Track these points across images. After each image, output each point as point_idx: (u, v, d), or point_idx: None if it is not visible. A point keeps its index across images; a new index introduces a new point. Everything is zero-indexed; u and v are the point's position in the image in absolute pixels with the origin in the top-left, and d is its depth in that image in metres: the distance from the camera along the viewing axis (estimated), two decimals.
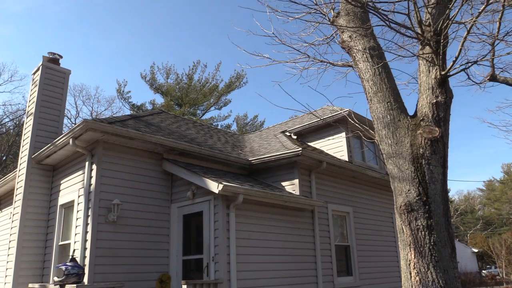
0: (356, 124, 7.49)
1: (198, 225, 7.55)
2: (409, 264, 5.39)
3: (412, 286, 5.29)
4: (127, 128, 7.53)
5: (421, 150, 5.26)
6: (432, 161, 5.22)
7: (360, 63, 5.75)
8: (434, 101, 5.34)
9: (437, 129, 5.27)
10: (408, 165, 5.45)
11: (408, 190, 5.38)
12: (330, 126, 10.96)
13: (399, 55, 5.84)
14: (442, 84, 5.38)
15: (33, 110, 9.07)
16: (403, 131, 5.59)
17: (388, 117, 5.70)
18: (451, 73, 5.31)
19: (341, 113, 10.29)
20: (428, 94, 5.39)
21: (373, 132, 6.41)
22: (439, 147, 5.26)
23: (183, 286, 6.23)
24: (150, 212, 7.83)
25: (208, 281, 6.59)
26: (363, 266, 10.10)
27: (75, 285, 5.37)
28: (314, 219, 8.90)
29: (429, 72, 5.48)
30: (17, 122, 28.99)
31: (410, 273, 5.35)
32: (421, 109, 5.42)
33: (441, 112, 5.33)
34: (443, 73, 5.30)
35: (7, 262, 8.46)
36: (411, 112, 5.56)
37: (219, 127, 30.24)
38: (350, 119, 7.43)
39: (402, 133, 5.59)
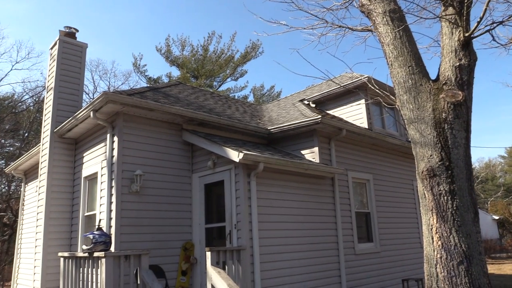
0: (377, 90, 7.38)
1: (219, 194, 7.65)
2: (431, 229, 5.40)
3: (434, 251, 5.31)
4: (146, 100, 7.57)
5: (443, 114, 5.18)
6: (455, 125, 5.14)
7: (380, 27, 5.61)
8: (457, 64, 5.21)
9: (460, 92, 5.16)
10: (430, 130, 5.38)
11: (430, 155, 5.33)
12: (349, 93, 10.83)
13: (421, 17, 5.68)
14: (466, 46, 5.23)
15: (52, 85, 9.17)
16: (425, 95, 5.50)
17: (410, 81, 5.60)
18: (475, 35, 5.15)
19: (360, 79, 10.14)
20: (451, 57, 5.25)
21: (393, 98, 6.32)
22: (462, 111, 5.16)
23: (207, 253, 6.37)
24: (172, 182, 7.95)
25: (231, 248, 6.73)
26: (383, 232, 10.16)
27: (103, 252, 5.54)
28: (334, 187, 8.93)
29: (452, 34, 5.32)
30: (37, 99, 29.39)
31: (432, 238, 5.36)
32: (444, 73, 5.29)
33: (465, 75, 5.20)
34: (466, 34, 5.14)
35: (36, 233, 8.75)
36: (433, 76, 5.44)
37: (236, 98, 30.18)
38: (370, 85, 7.32)
39: (424, 98, 5.50)
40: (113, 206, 7.16)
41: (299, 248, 7.86)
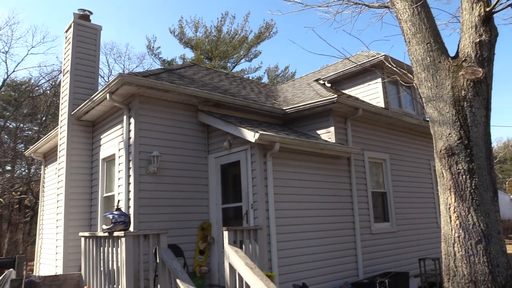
0: (394, 68, 7.27)
1: (236, 175, 7.69)
2: (449, 208, 5.36)
3: (452, 230, 5.29)
4: (161, 81, 7.59)
5: (463, 92, 5.09)
6: (475, 103, 5.05)
7: (397, 3, 5.50)
8: (478, 40, 5.08)
9: (480, 69, 5.06)
10: (449, 108, 5.30)
11: (449, 134, 5.26)
12: (366, 72, 10.69)
13: None
14: (486, 21, 5.09)
15: (69, 68, 9.24)
16: (443, 73, 5.39)
17: (428, 59, 5.50)
18: (496, 10, 5.01)
19: (377, 57, 9.98)
20: (471, 33, 5.13)
21: (411, 76, 6.22)
22: (482, 89, 5.07)
23: (224, 232, 6.44)
24: (189, 163, 8.02)
25: (248, 227, 6.79)
26: (399, 212, 10.13)
27: (122, 232, 5.64)
28: (350, 167, 8.90)
29: (472, 10, 5.18)
30: (53, 83, 29.67)
31: (450, 217, 5.33)
32: (463, 49, 5.18)
33: (485, 52, 5.08)
34: (487, 9, 5.00)
35: (57, 214, 8.95)
36: (452, 53, 5.33)
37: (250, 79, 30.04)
38: (387, 63, 7.21)
39: (442, 75, 5.40)
40: (131, 187, 7.26)
41: (315, 228, 7.91)
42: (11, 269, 10.77)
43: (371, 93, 10.84)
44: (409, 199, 10.57)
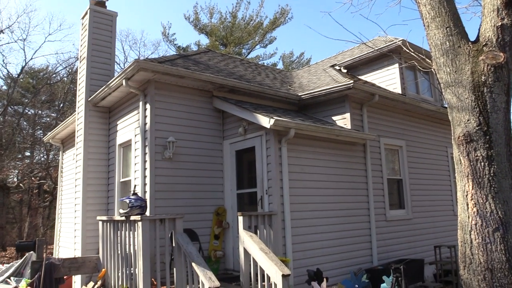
0: (412, 53, 7.15)
1: (250, 160, 7.71)
2: (466, 196, 5.30)
3: (469, 217, 5.23)
4: (176, 67, 7.60)
5: (483, 77, 4.99)
6: (495, 89, 4.95)
7: None
8: (500, 23, 4.96)
9: (501, 54, 4.94)
10: (468, 93, 5.20)
11: (468, 120, 5.17)
12: (383, 57, 10.53)
13: None
14: (509, 4, 4.96)
15: (85, 54, 9.31)
16: (463, 57, 5.29)
17: (447, 43, 5.39)
18: None
19: (395, 42, 9.81)
20: (493, 16, 5.00)
21: (429, 62, 6.11)
22: (503, 74, 4.96)
23: (239, 217, 6.49)
24: (204, 149, 8.06)
25: (263, 213, 6.83)
26: (415, 199, 10.06)
27: (139, 216, 5.72)
28: (366, 153, 8.84)
29: None
30: (70, 70, 29.98)
31: (467, 204, 5.26)
32: (484, 34, 5.06)
33: (507, 36, 4.96)
34: None
35: (75, 198, 9.11)
36: (472, 38, 5.22)
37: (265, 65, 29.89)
38: (405, 48, 7.10)
39: (462, 60, 5.29)
40: (147, 172, 7.34)
41: (330, 214, 7.91)
42: (31, 252, 11.07)
43: (388, 79, 10.70)
44: (425, 186, 10.47)
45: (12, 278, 10.32)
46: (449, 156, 11.37)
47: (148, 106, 7.55)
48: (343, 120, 8.69)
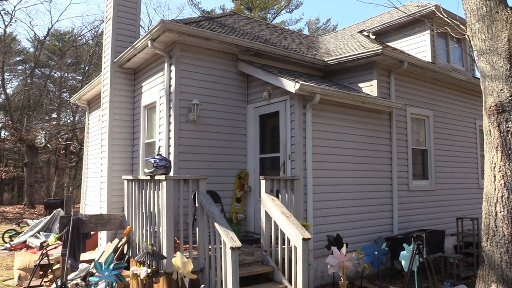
0: (445, 19, 6.88)
1: (274, 125, 7.68)
2: (494, 167, 5.19)
3: (495, 189, 5.14)
4: (202, 29, 7.51)
5: None
6: None
7: None
8: None
9: None
10: (503, 62, 5.01)
11: (501, 90, 5.00)
12: (413, 23, 10.18)
13: None
14: None
15: (111, 15, 9.28)
16: (500, 24, 5.06)
17: (484, 8, 5.16)
18: None
19: (428, 7, 9.45)
20: None
21: (463, 28, 5.88)
22: None
23: (261, 181, 6.52)
24: (227, 112, 8.05)
25: (285, 177, 6.84)
26: (440, 171, 9.91)
27: (163, 176, 5.81)
28: (391, 122, 8.69)
29: None
30: (95, 33, 30.08)
31: (494, 176, 5.16)
32: None
33: None
34: None
35: (101, 158, 9.30)
36: (511, 3, 4.97)
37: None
38: (438, 14, 6.84)
39: (499, 27, 5.07)
40: (172, 134, 7.40)
41: (352, 181, 7.88)
42: (59, 209, 11.46)
43: (417, 46, 10.36)
44: (451, 158, 10.29)
45: (41, 232, 10.76)
46: (478, 129, 11.09)
47: (173, 68, 7.53)
48: (370, 88, 8.52)
